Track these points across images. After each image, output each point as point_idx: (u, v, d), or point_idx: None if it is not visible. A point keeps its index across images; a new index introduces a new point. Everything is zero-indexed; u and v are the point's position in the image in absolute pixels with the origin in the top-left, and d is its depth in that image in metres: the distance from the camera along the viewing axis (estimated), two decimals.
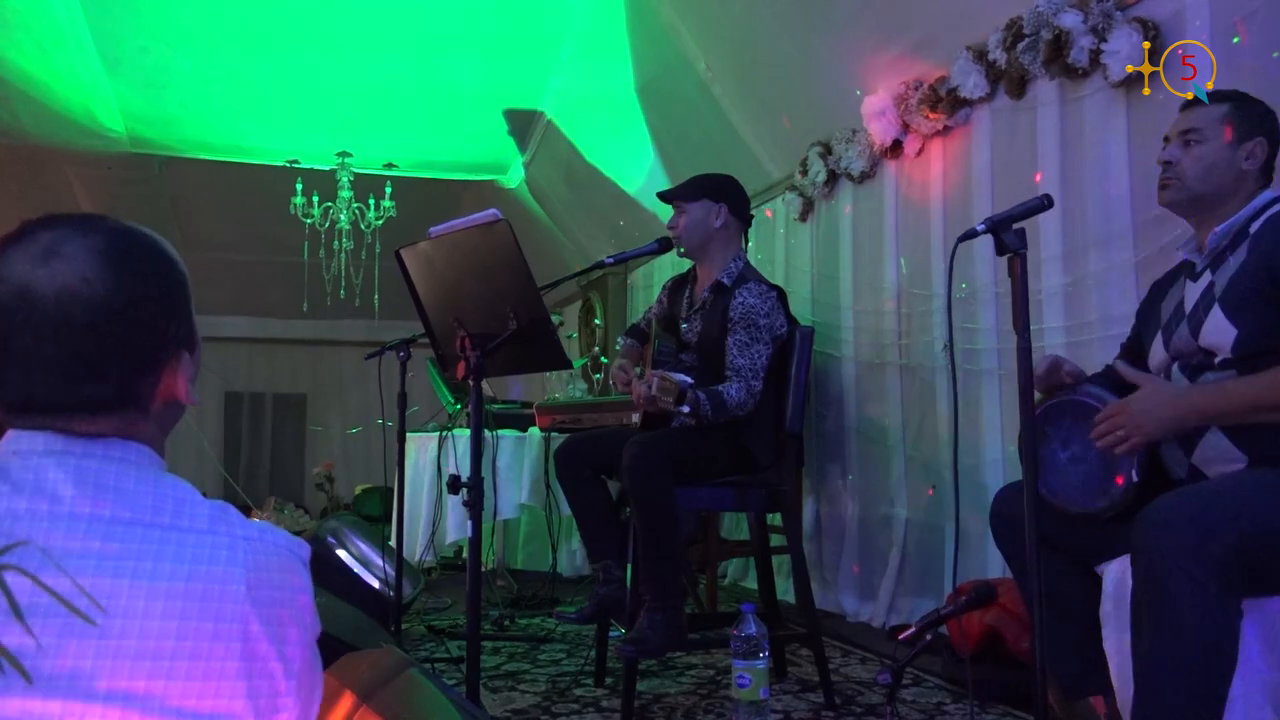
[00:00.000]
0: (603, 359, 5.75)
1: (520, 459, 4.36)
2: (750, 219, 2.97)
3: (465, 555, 2.32)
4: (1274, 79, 2.16)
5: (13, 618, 0.73)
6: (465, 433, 4.00)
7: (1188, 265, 1.90)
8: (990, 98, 3.10)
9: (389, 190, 6.61)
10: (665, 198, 2.95)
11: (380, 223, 6.67)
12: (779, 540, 3.53)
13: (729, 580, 4.61)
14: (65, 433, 0.84)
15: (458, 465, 3.92)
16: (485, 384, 2.33)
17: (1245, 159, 1.80)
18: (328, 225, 6.69)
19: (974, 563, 3.02)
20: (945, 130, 3.32)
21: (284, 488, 8.92)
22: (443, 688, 1.09)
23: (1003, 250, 1.62)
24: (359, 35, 4.83)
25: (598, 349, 6.02)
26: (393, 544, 3.37)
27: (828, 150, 3.96)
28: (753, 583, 4.24)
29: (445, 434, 4.13)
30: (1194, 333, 1.77)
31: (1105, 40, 2.58)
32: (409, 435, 3.45)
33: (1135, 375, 1.80)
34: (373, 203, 6.65)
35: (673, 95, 4.78)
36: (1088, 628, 1.83)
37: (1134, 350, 2.01)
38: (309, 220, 6.60)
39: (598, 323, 6.45)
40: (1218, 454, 1.70)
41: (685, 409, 2.48)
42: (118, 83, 5.33)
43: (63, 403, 0.83)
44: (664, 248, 2.88)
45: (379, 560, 3.33)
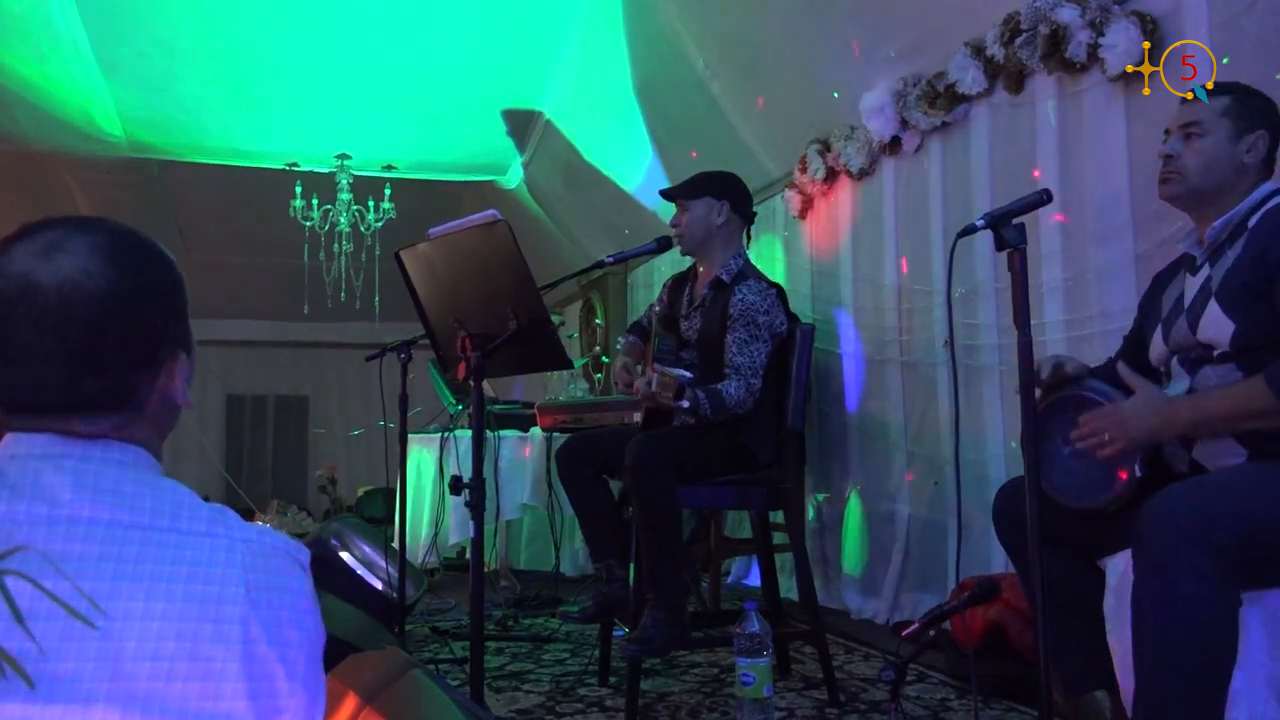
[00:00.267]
0: (604, 358, 5.75)
1: (522, 459, 4.36)
2: (753, 216, 2.96)
3: (468, 556, 2.32)
4: (1271, 78, 2.15)
5: (14, 622, 0.73)
6: (467, 433, 4.00)
7: (1188, 259, 1.90)
8: (989, 93, 3.09)
9: (388, 192, 6.60)
10: (668, 196, 2.94)
11: (380, 224, 6.66)
12: (781, 538, 3.53)
13: (732, 578, 4.61)
14: (64, 434, 0.84)
15: (459, 466, 3.92)
16: (486, 384, 2.32)
17: (1246, 152, 1.79)
18: (327, 228, 6.68)
19: (977, 558, 3.02)
20: (944, 126, 3.32)
21: (286, 490, 8.94)
22: (447, 689, 1.09)
23: (1002, 245, 1.62)
24: (357, 37, 4.83)
25: (598, 348, 6.03)
26: (395, 545, 3.38)
27: (826, 147, 3.96)
28: (756, 580, 4.24)
29: (447, 435, 4.13)
30: (1192, 327, 1.77)
31: (1103, 34, 2.58)
32: (410, 436, 3.45)
33: (1132, 379, 1.80)
34: (372, 205, 6.64)
35: (671, 94, 4.77)
36: (1091, 622, 1.82)
37: (1136, 342, 2.01)
38: (309, 223, 6.60)
39: (598, 322, 6.45)
40: (1219, 448, 1.70)
41: (685, 404, 2.48)
42: (116, 87, 5.33)
43: (63, 400, 0.84)
44: (663, 246, 2.87)
45: (382, 562, 3.32)
